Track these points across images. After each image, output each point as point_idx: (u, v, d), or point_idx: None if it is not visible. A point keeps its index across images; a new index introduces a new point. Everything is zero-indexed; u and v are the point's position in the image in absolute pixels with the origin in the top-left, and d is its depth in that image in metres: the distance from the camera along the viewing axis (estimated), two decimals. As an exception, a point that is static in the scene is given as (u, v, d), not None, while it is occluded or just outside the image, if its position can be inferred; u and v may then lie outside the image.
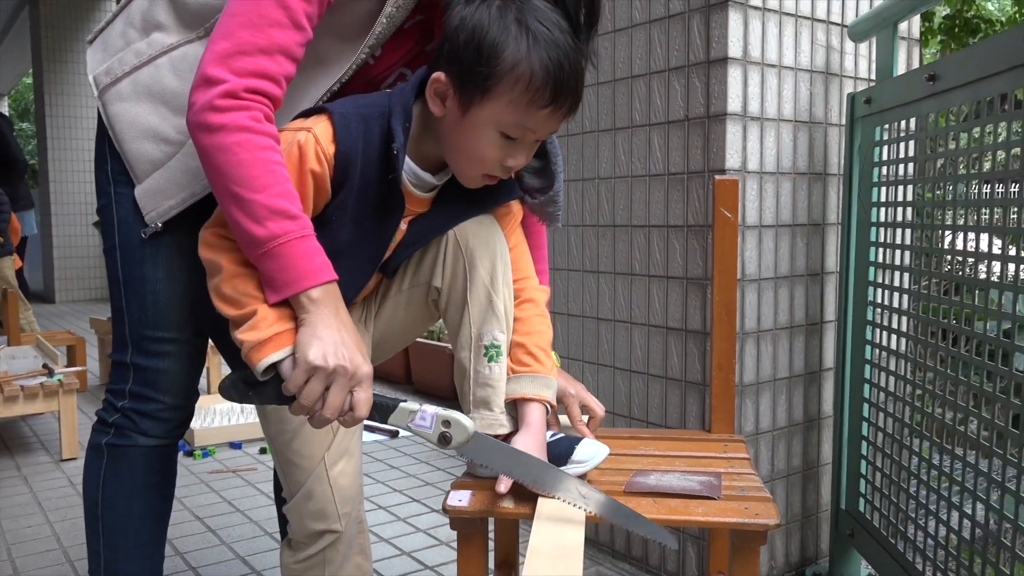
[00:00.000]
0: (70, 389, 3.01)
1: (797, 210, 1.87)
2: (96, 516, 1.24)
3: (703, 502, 1.08)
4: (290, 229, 0.95)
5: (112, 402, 1.23)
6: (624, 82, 1.94)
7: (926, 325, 1.54)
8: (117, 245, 1.19)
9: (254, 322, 0.95)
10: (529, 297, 1.19)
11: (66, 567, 2.07)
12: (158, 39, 1.15)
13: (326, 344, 0.93)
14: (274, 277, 0.95)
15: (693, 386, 1.82)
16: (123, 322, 1.21)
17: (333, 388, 0.94)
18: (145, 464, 1.24)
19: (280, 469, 1.20)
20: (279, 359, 0.94)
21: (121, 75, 1.15)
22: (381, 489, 2.60)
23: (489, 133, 1.01)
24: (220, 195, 0.96)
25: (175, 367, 1.21)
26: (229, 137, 0.94)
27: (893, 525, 1.63)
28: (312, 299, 0.95)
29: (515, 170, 1.07)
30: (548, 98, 0.99)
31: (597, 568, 1.99)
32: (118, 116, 1.16)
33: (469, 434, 0.98)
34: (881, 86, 1.70)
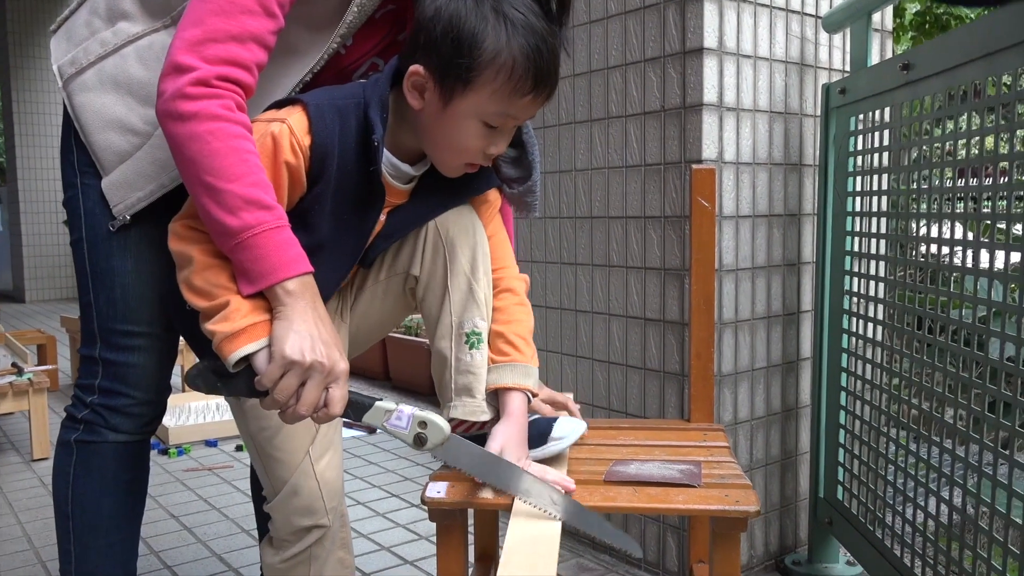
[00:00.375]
0: (40, 388, 2.95)
1: (773, 200, 1.87)
2: (66, 514, 1.21)
3: (683, 490, 1.08)
4: (265, 219, 0.93)
5: (81, 397, 1.20)
6: (600, 73, 1.93)
7: (902, 313, 1.55)
8: (84, 238, 1.17)
9: (226, 313, 0.93)
10: (508, 287, 1.18)
11: (37, 567, 2.03)
12: (124, 28, 1.13)
13: (303, 338, 0.91)
14: (249, 268, 0.93)
15: (672, 376, 1.82)
16: (91, 316, 1.18)
17: (309, 384, 0.92)
18: (116, 460, 1.21)
19: (261, 466, 1.18)
20: (252, 351, 0.92)
21: (86, 65, 1.13)
22: (360, 485, 2.58)
23: (471, 124, 1.00)
24: (192, 185, 0.94)
25: (145, 361, 1.19)
26: (201, 125, 0.92)
27: (871, 512, 1.64)
28: (288, 291, 0.93)
29: (494, 157, 1.06)
30: (530, 85, 0.99)
31: (578, 560, 1.98)
32: (83, 107, 1.13)
33: (445, 436, 0.97)
34: (855, 76, 1.71)
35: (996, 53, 1.20)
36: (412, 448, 0.97)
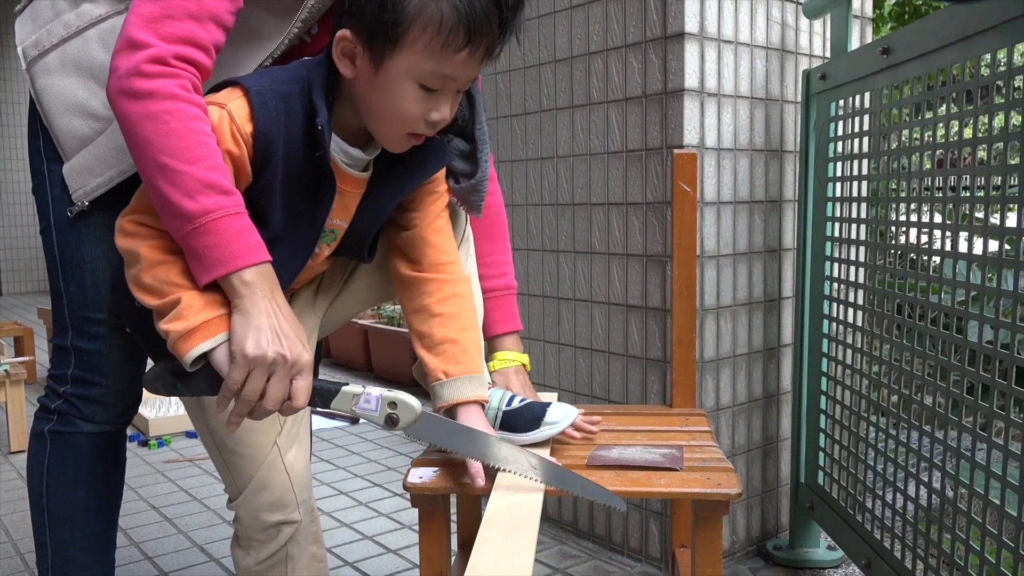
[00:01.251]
0: (17, 380, 2.92)
1: (755, 187, 1.87)
2: (42, 507, 1.19)
3: (665, 474, 1.08)
4: (224, 204, 0.89)
5: (54, 388, 1.18)
6: (581, 59, 1.92)
7: (882, 298, 1.55)
8: (52, 225, 1.14)
9: (179, 311, 0.89)
10: (456, 292, 1.14)
11: (16, 560, 2.01)
12: (87, 10, 1.10)
13: (263, 333, 0.88)
14: (205, 255, 0.89)
15: (653, 363, 1.82)
16: (62, 305, 1.16)
17: (273, 380, 0.89)
18: (91, 451, 1.19)
19: (223, 464, 1.14)
20: (209, 348, 0.89)
21: (49, 47, 1.10)
22: (342, 475, 2.57)
23: (407, 86, 0.94)
24: (145, 166, 0.89)
25: (117, 350, 1.17)
26: (157, 104, 0.88)
27: (852, 497, 1.65)
28: (245, 281, 0.90)
29: (440, 125, 1.00)
30: (463, 39, 0.92)
31: (561, 547, 1.99)
32: (45, 90, 1.11)
33: (416, 414, 0.95)
34: (836, 61, 1.71)
35: (974, 36, 1.20)
36: (384, 429, 0.96)
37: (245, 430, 1.11)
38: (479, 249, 1.29)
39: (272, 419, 1.11)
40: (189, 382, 0.92)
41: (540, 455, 1.04)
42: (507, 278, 1.32)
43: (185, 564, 1.96)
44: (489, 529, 0.91)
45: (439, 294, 1.12)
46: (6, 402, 2.92)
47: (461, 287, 1.15)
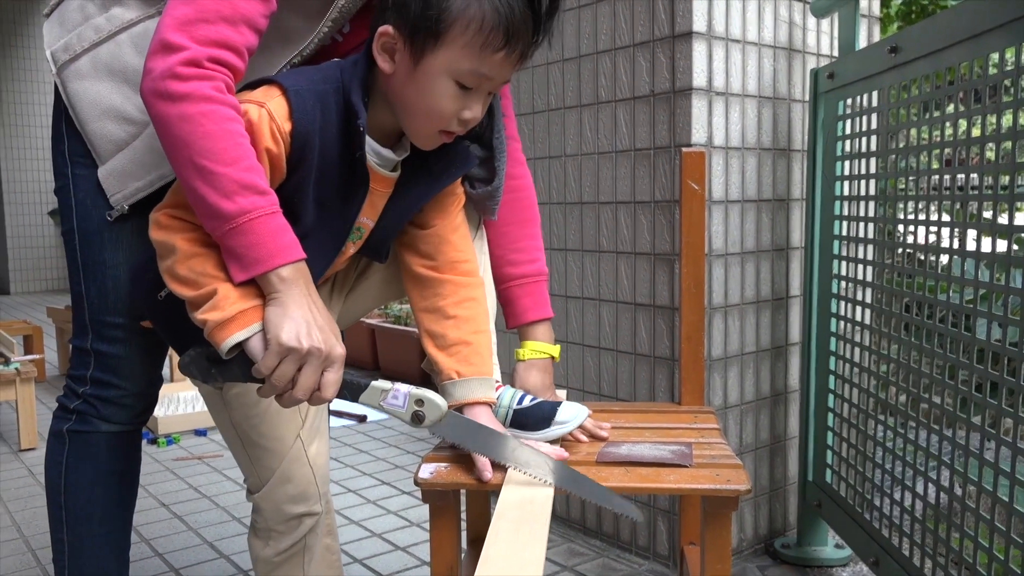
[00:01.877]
0: (28, 378, 2.94)
1: (762, 185, 1.88)
2: (59, 504, 1.21)
3: (675, 470, 1.08)
4: (260, 204, 0.91)
5: (73, 388, 1.20)
6: (589, 58, 1.93)
7: (890, 296, 1.56)
8: (75, 229, 1.15)
9: (215, 301, 0.91)
10: (471, 296, 1.16)
11: (28, 556, 2.02)
12: (117, 14, 1.11)
13: (299, 325, 0.90)
14: (243, 254, 0.91)
15: (662, 361, 1.83)
16: (83, 307, 1.17)
17: (305, 369, 0.91)
18: (108, 451, 1.20)
19: (246, 457, 1.16)
20: (245, 338, 0.91)
21: (80, 52, 1.11)
22: (350, 473, 2.58)
23: (444, 83, 0.97)
24: (181, 167, 0.92)
25: (136, 353, 1.18)
26: (193, 107, 0.90)
27: (860, 495, 1.65)
28: (282, 278, 0.92)
29: (471, 124, 1.02)
30: (502, 40, 0.95)
31: (569, 545, 1.99)
32: (78, 95, 1.11)
33: (442, 412, 0.97)
34: (844, 60, 1.72)
35: (982, 35, 1.21)
36: (410, 425, 0.97)
37: (268, 424, 1.13)
38: (510, 234, 1.29)
39: (294, 413, 1.13)
40: (223, 368, 0.94)
41: (555, 457, 1.04)
42: (538, 264, 1.31)
43: (195, 560, 1.97)
44: (501, 523, 0.92)
45: (454, 296, 1.13)
46: (17, 400, 2.94)
47: (476, 291, 1.16)
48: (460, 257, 1.15)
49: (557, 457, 1.06)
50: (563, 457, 1.09)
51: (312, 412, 1.16)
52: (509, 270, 1.29)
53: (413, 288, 1.17)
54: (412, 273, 1.17)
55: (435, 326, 1.13)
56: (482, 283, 1.19)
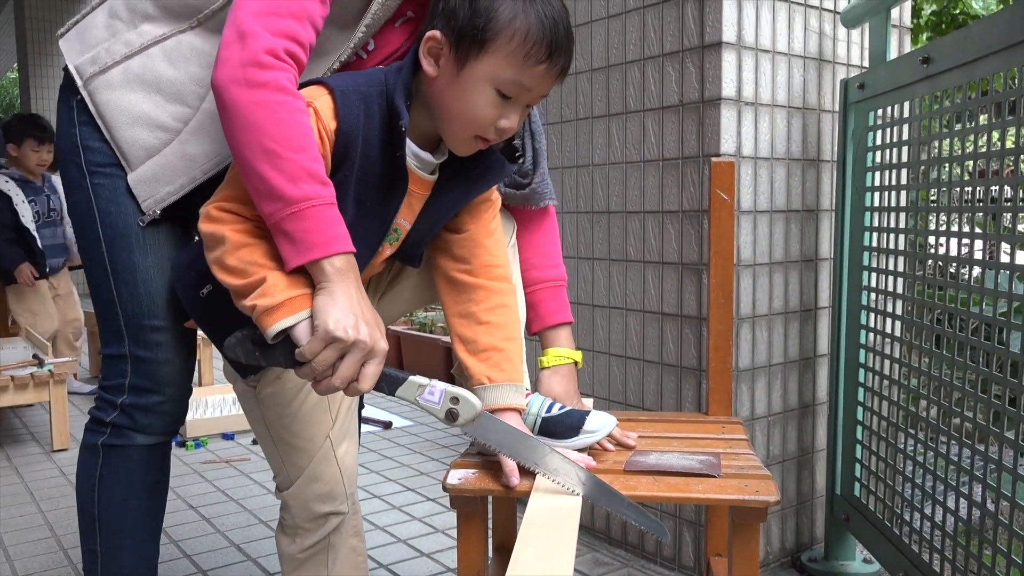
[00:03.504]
0: (61, 379, 2.99)
1: (791, 196, 1.87)
2: (92, 516, 1.21)
3: (703, 480, 1.08)
4: (322, 194, 0.94)
5: (109, 399, 1.19)
6: (618, 68, 1.93)
7: (921, 308, 1.54)
8: (101, 237, 1.16)
9: (264, 289, 0.94)
10: (504, 303, 1.17)
11: (59, 555, 2.06)
12: (148, 30, 1.13)
13: (347, 316, 0.92)
14: (301, 239, 0.93)
15: (689, 371, 1.83)
16: (116, 314, 1.17)
17: (347, 359, 0.93)
18: (142, 464, 1.21)
19: (276, 455, 1.18)
20: (292, 324, 0.93)
21: (111, 64, 1.13)
22: (376, 479, 2.60)
23: (485, 90, 0.99)
24: (248, 150, 0.93)
25: (173, 356, 1.19)
26: (271, 95, 0.93)
27: (889, 509, 1.63)
28: (335, 267, 0.94)
29: (507, 134, 1.05)
30: (544, 53, 0.98)
31: (594, 554, 1.99)
32: (108, 104, 1.14)
33: (476, 412, 0.98)
34: (874, 71, 1.71)
35: (1016, 46, 1.20)
36: (443, 423, 0.98)
37: (299, 423, 1.15)
38: (531, 239, 1.31)
39: (325, 413, 1.15)
40: (268, 352, 0.96)
41: (587, 472, 1.04)
42: (559, 269, 1.34)
43: (222, 563, 1.99)
44: (530, 530, 0.92)
45: (487, 303, 1.15)
46: (50, 401, 2.99)
47: (508, 298, 1.18)
48: (494, 261, 1.17)
49: (585, 466, 1.06)
50: (591, 466, 1.09)
51: (343, 413, 1.17)
52: (531, 274, 1.31)
53: (447, 293, 1.18)
54: (446, 277, 1.18)
55: (467, 331, 1.14)
56: (514, 289, 1.20)
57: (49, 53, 7.94)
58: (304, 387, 1.14)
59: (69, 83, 1.17)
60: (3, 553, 2.08)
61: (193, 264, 1.08)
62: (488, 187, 1.16)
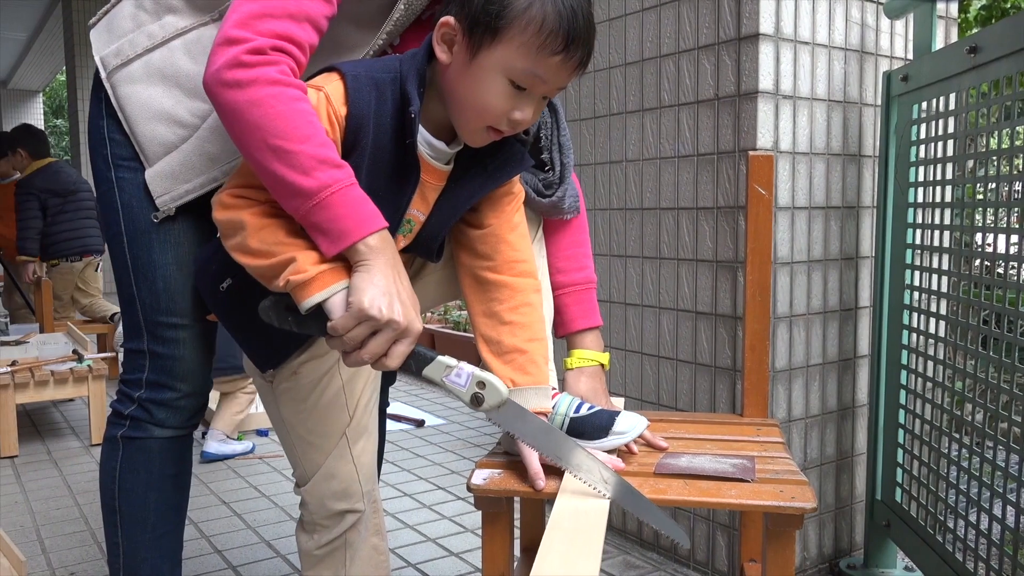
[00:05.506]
0: (99, 375, 3.03)
1: (831, 192, 1.82)
2: (114, 509, 1.22)
3: (736, 484, 1.05)
4: (339, 177, 0.92)
5: (128, 393, 1.20)
6: (652, 62, 1.90)
7: (967, 308, 1.49)
8: (123, 232, 1.16)
9: (296, 266, 0.93)
10: (528, 301, 1.14)
11: (94, 548, 2.08)
12: (171, 22, 1.13)
13: (382, 294, 0.91)
14: (330, 228, 0.92)
15: (723, 372, 1.78)
16: (136, 310, 1.18)
17: (378, 336, 0.92)
18: (161, 456, 1.21)
19: (294, 451, 1.18)
20: (325, 298, 0.92)
21: (132, 56, 1.13)
22: (406, 477, 2.59)
23: (497, 80, 0.96)
24: (255, 151, 0.92)
25: (190, 353, 1.19)
26: (261, 91, 0.91)
27: (932, 516, 1.58)
28: (370, 247, 0.93)
29: (521, 126, 1.01)
30: (560, 44, 0.94)
31: (625, 557, 1.96)
32: (128, 98, 1.13)
33: (502, 398, 0.96)
34: (919, 62, 1.65)
35: (1073, 33, 1.14)
36: (468, 407, 0.96)
37: (316, 419, 1.13)
38: (558, 243, 1.28)
39: (340, 410, 1.13)
40: (299, 319, 0.96)
41: (613, 471, 1.02)
42: (586, 272, 1.30)
43: (252, 559, 2.00)
44: (555, 532, 0.90)
45: (511, 302, 1.12)
46: (88, 396, 3.04)
47: (532, 296, 1.15)
48: (518, 257, 1.14)
49: (613, 467, 1.03)
50: (618, 468, 1.06)
51: (360, 411, 1.16)
52: (557, 278, 1.28)
53: (471, 291, 1.16)
54: (470, 275, 1.16)
55: (491, 331, 1.12)
56: (539, 286, 1.17)
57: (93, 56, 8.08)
58: (320, 383, 1.13)
59: (98, 75, 1.18)
60: (39, 545, 2.11)
61: (214, 258, 1.07)
62: (507, 179, 1.12)
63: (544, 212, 1.26)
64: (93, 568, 1.97)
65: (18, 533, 2.17)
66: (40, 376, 2.95)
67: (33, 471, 2.75)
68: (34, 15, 9.14)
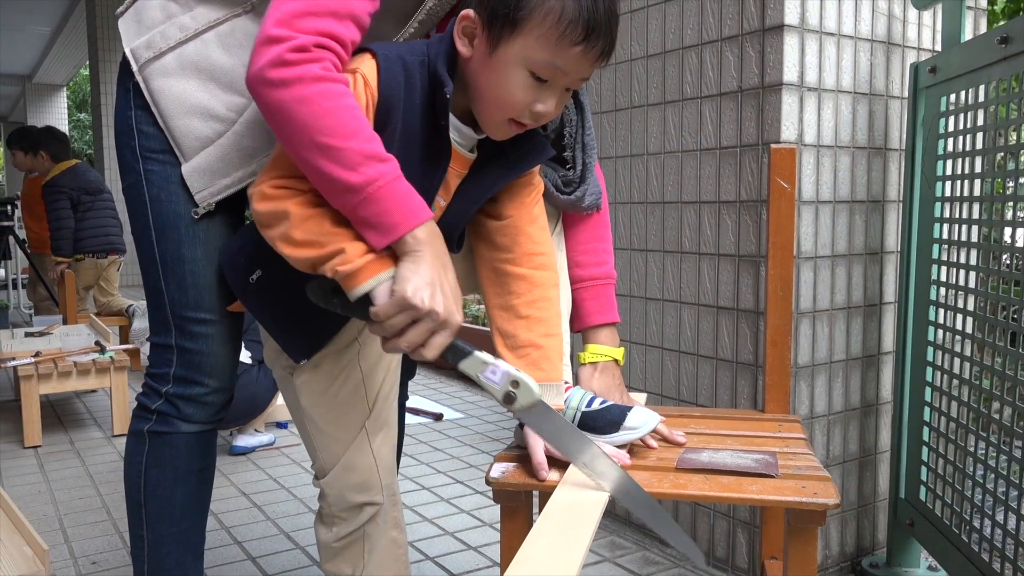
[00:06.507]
0: (121, 366, 3.06)
1: (856, 186, 1.79)
2: (139, 503, 1.22)
3: (757, 480, 1.03)
4: (385, 171, 0.92)
5: (155, 387, 1.19)
6: (675, 54, 1.88)
7: (995, 304, 1.46)
8: (151, 224, 1.15)
9: (344, 258, 0.93)
10: (545, 295, 1.13)
11: (115, 538, 2.10)
12: (203, 13, 1.11)
13: (425, 285, 0.91)
14: (378, 222, 0.92)
15: (745, 367, 1.77)
16: (163, 303, 1.17)
17: (418, 326, 0.92)
18: (187, 451, 1.21)
19: (313, 442, 1.17)
20: (371, 287, 0.93)
21: (165, 49, 1.11)
22: (425, 470, 2.59)
23: (518, 72, 0.96)
24: (302, 148, 0.92)
25: (218, 348, 1.18)
26: (307, 88, 0.91)
27: (957, 515, 1.55)
28: (418, 238, 0.93)
29: (544, 119, 1.00)
30: (580, 35, 0.93)
31: (644, 552, 1.94)
32: (162, 91, 1.12)
33: (534, 399, 0.96)
34: (948, 53, 1.62)
35: (1109, 22, 1.11)
36: (500, 404, 0.97)
37: (335, 412, 1.13)
38: (579, 237, 1.27)
39: (362, 402, 1.13)
40: (344, 300, 0.96)
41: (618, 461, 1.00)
42: (606, 267, 1.29)
43: (272, 550, 2.01)
44: (545, 523, 0.89)
45: (528, 295, 1.11)
46: (111, 387, 3.06)
47: (550, 290, 1.14)
48: (537, 249, 1.13)
49: (620, 462, 1.02)
50: (625, 464, 1.05)
51: (379, 403, 1.15)
52: (576, 272, 1.27)
53: (488, 284, 1.15)
54: (488, 267, 1.15)
55: (507, 325, 1.11)
56: (556, 283, 1.16)
57: (119, 51, 8.15)
58: (340, 376, 1.13)
59: (126, 65, 1.16)
60: (62, 534, 2.13)
61: (243, 250, 1.07)
62: (527, 169, 1.11)
63: (564, 206, 1.26)
64: (115, 557, 1.98)
65: (41, 522, 2.20)
66: (63, 367, 2.98)
67: (56, 461, 2.78)
68: (58, 9, 9.23)
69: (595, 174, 1.26)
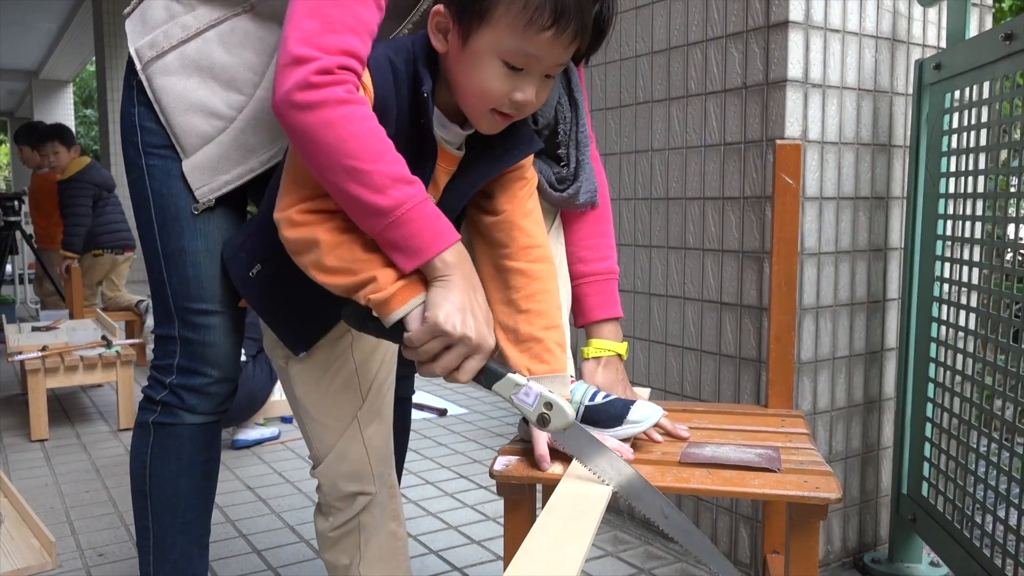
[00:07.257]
0: (127, 360, 3.08)
1: (860, 182, 1.79)
2: (144, 493, 1.23)
3: (760, 474, 1.04)
4: (412, 194, 0.93)
5: (159, 379, 1.21)
6: (679, 50, 1.88)
7: (998, 300, 1.46)
8: (153, 218, 1.17)
9: (375, 286, 0.95)
10: (544, 288, 1.14)
11: (122, 531, 2.11)
12: (204, 13, 1.13)
13: (456, 310, 0.92)
14: (406, 245, 0.93)
15: (748, 363, 1.77)
16: (166, 296, 1.19)
17: (451, 352, 0.94)
18: (191, 442, 1.22)
19: (308, 431, 1.20)
20: (404, 314, 0.94)
21: (168, 48, 1.14)
22: (429, 465, 2.60)
23: (491, 63, 0.95)
24: (329, 172, 0.93)
25: (221, 339, 1.20)
26: (332, 112, 0.91)
27: (960, 511, 1.56)
28: (446, 262, 0.94)
29: (527, 108, 1.00)
30: (548, 19, 0.92)
31: (647, 547, 1.95)
32: (164, 89, 1.14)
33: (568, 422, 0.96)
34: (952, 50, 1.62)
35: (1113, 19, 1.12)
36: (533, 425, 0.98)
37: (328, 401, 1.15)
38: (581, 232, 1.28)
39: (355, 393, 1.15)
40: (380, 328, 0.98)
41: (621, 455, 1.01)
42: (608, 262, 1.30)
43: (277, 543, 2.02)
44: (548, 517, 0.90)
45: (527, 289, 1.12)
46: (117, 381, 3.08)
47: (549, 283, 1.14)
48: (532, 243, 1.13)
49: (623, 455, 1.03)
50: (628, 458, 1.05)
51: (372, 394, 1.17)
52: (579, 267, 1.28)
53: (489, 281, 1.16)
54: (488, 265, 1.15)
55: (508, 319, 1.12)
56: (555, 275, 1.16)
57: (126, 47, 8.15)
58: (333, 365, 1.15)
59: (130, 64, 1.18)
60: (69, 527, 2.14)
61: (244, 245, 1.08)
62: (515, 162, 1.11)
63: (558, 205, 1.26)
64: (121, 549, 2.00)
65: (48, 514, 2.21)
66: (70, 361, 2.99)
67: (63, 454, 2.80)
68: (64, 6, 9.23)
69: (591, 171, 1.25)
